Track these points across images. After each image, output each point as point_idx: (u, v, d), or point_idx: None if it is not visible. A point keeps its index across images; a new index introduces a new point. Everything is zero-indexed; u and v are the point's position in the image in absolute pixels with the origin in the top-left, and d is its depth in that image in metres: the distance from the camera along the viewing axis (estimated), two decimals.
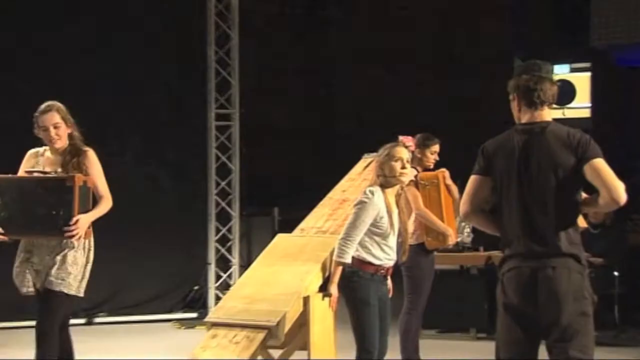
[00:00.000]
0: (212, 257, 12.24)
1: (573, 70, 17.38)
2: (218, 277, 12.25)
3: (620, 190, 4.82)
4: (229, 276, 12.18)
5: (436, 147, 8.32)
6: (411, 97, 16.65)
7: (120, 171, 11.19)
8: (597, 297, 5.21)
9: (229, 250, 12.36)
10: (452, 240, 8.31)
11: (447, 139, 8.45)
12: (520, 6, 18.51)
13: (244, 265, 11.17)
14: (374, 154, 6.73)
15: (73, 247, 6.22)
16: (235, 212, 12.35)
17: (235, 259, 12.32)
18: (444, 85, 17.44)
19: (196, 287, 12.31)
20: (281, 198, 13.91)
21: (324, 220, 7.06)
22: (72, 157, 6.43)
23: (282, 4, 17.50)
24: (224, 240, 12.36)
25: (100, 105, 11.39)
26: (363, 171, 7.32)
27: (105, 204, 6.55)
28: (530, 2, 18.58)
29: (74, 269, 6.27)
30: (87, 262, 6.48)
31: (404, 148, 6.57)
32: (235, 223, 12.38)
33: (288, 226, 7.42)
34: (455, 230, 8.31)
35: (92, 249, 6.55)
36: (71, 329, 11.02)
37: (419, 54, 18.53)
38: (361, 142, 7.54)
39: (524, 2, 18.59)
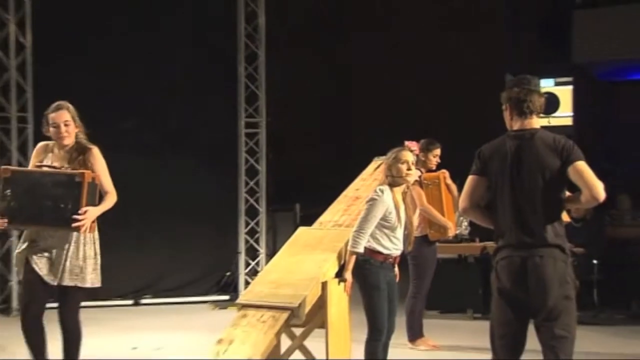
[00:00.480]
0: (242, 247, 12.33)
1: (557, 84, 17.40)
2: (247, 264, 12.34)
3: (599, 189, 4.90)
4: (257, 264, 12.23)
5: (437, 151, 8.47)
6: (417, 108, 16.68)
7: (171, 174, 11.62)
8: (579, 282, 5.35)
9: (257, 241, 12.44)
10: (451, 233, 8.47)
11: (448, 143, 8.59)
12: (512, 28, 18.53)
13: (270, 254, 11.33)
14: (383, 157, 6.81)
15: (80, 240, 6.16)
16: (262, 208, 12.43)
17: (262, 249, 12.39)
18: (445, 97, 17.49)
19: (228, 273, 12.36)
20: (302, 195, 13.91)
21: (340, 215, 7.06)
22: (78, 154, 6.31)
23: (303, 24, 17.48)
24: (252, 233, 12.43)
25: (154, 114, 11.72)
26: (374, 172, 7.34)
27: (111, 199, 6.43)
28: (520, 23, 18.59)
29: (86, 263, 6.22)
30: (95, 254, 6.40)
31: (409, 152, 6.67)
32: (262, 217, 12.45)
33: (308, 220, 7.46)
34: (454, 224, 8.40)
35: (98, 241, 6.47)
36: (120, 308, 11.28)
37: (422, 72, 18.55)
38: (372, 147, 7.62)
39: (515, 23, 18.59)
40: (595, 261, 10.61)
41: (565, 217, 5.23)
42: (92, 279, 6.28)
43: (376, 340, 6.46)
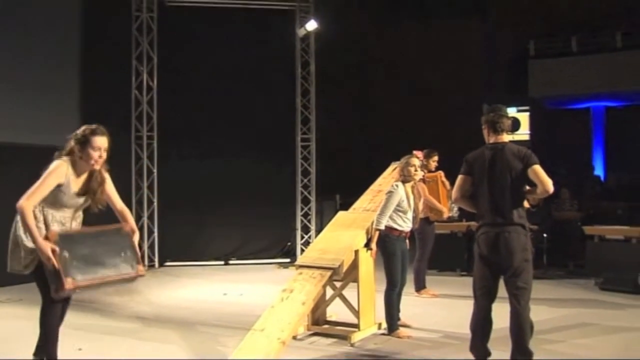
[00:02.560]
0: (298, 225, 12.28)
1: (519, 111, 17.34)
2: (302, 237, 12.28)
3: (550, 185, 4.92)
4: (309, 237, 12.15)
5: (436, 158, 8.40)
6: (420, 127, 16.65)
7: (250, 172, 11.59)
8: (534, 250, 5.33)
9: (309, 221, 12.37)
10: (446, 215, 8.40)
11: (442, 153, 8.52)
12: (487, 72, 18.47)
13: (318, 231, 11.21)
14: (398, 162, 6.81)
15: None
16: (312, 198, 12.35)
17: (312, 227, 12.30)
18: (441, 120, 17.46)
19: (289, 243, 12.29)
20: (341, 189, 13.91)
21: (367, 203, 7.00)
22: (98, 183, 4.79)
23: (340, 69, 17.53)
24: (305, 215, 12.38)
25: (239, 130, 11.71)
26: (391, 172, 7.27)
27: (131, 215, 4.97)
28: (493, 69, 18.53)
29: None
30: None
31: (416, 158, 6.67)
32: (313, 205, 12.37)
33: (345, 206, 7.41)
34: (448, 209, 8.31)
35: None
36: (215, 267, 11.32)
37: (423, 103, 18.56)
38: (390, 154, 7.58)
39: (489, 69, 18.54)
40: (544, 235, 10.59)
41: (525, 204, 5.16)
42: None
43: (392, 291, 6.43)
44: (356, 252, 6.30)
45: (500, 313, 5.16)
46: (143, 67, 11.37)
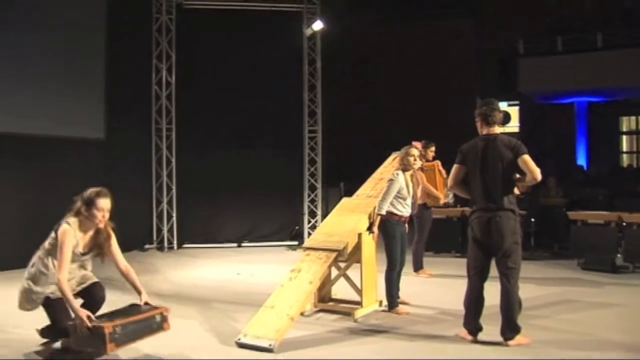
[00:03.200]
0: (305, 210, 12.22)
1: (509, 105, 17.38)
2: (309, 221, 12.24)
3: (538, 173, 4.92)
4: (315, 221, 12.11)
5: (433, 148, 8.34)
6: (419, 120, 16.61)
7: (261, 161, 11.61)
8: (523, 233, 5.31)
9: (315, 206, 12.32)
10: (442, 202, 8.33)
11: (439, 143, 8.48)
12: (480, 70, 18.42)
13: (323, 215, 11.15)
14: (398, 152, 6.76)
15: None
16: (319, 185, 12.29)
17: (318, 212, 12.26)
18: (439, 114, 17.42)
19: (297, 227, 12.23)
20: (345, 177, 13.90)
21: (370, 189, 6.97)
22: (104, 239, 4.81)
23: (345, 66, 17.50)
24: (312, 201, 12.32)
25: (250, 122, 11.68)
26: (392, 161, 7.23)
27: (135, 275, 4.91)
28: (485, 67, 18.48)
29: None
30: None
31: (415, 148, 6.61)
32: (319, 191, 12.32)
33: (349, 193, 7.39)
34: (444, 196, 8.24)
35: None
36: (228, 249, 11.34)
37: (423, 98, 18.50)
38: (391, 145, 7.53)
39: (482, 67, 18.48)
40: (532, 219, 10.54)
41: (515, 191, 5.14)
42: None
43: (392, 271, 6.42)
44: (359, 235, 6.27)
45: (492, 291, 5.17)
46: (162, 64, 11.36)
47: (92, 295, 4.81)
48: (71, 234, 4.60)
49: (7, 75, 8.68)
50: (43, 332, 4.81)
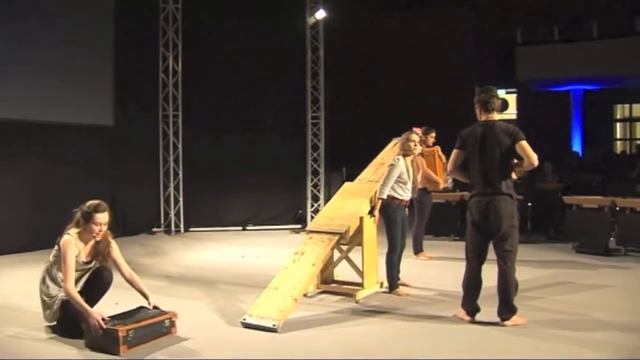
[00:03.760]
0: (309, 194, 12.21)
1: (507, 92, 17.31)
2: (312, 205, 12.22)
3: (535, 159, 4.92)
4: (318, 205, 12.09)
5: (433, 134, 8.27)
6: (420, 107, 16.58)
7: (265, 146, 11.61)
8: (520, 217, 5.30)
9: (318, 190, 12.29)
10: (441, 186, 8.30)
11: (439, 129, 8.43)
12: (479, 58, 18.35)
13: (326, 199, 11.20)
14: (398, 137, 6.74)
15: None
16: (321, 170, 12.27)
17: (321, 196, 12.24)
18: (440, 101, 17.38)
19: (300, 211, 12.21)
20: (347, 162, 13.84)
21: (371, 174, 6.94)
22: (104, 247, 4.88)
23: (347, 53, 17.42)
24: (315, 185, 12.29)
25: (255, 109, 11.69)
26: (393, 147, 7.17)
27: (140, 280, 5.00)
28: (484, 55, 18.41)
29: None
30: None
31: (415, 134, 6.58)
32: (322, 176, 12.30)
33: (351, 178, 7.37)
34: (443, 181, 8.22)
35: None
36: (233, 232, 11.37)
37: (424, 85, 18.47)
38: (392, 131, 7.50)
39: (480, 55, 18.41)
40: (529, 204, 10.50)
41: (513, 176, 5.13)
42: None
43: (393, 253, 6.42)
44: (361, 218, 6.26)
45: (489, 274, 5.18)
46: (169, 52, 11.31)
47: (99, 278, 4.88)
48: (73, 243, 4.69)
49: (16, 63, 8.64)
50: (55, 330, 4.85)
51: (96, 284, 4.88)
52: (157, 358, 4.35)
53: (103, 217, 4.75)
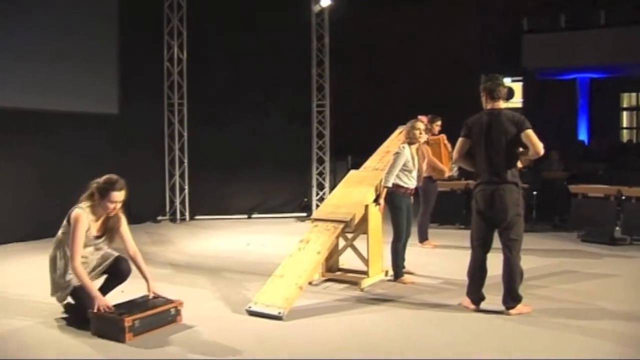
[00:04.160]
0: (314, 182, 12.19)
1: (513, 80, 17.23)
2: (317, 194, 12.22)
3: (541, 147, 4.89)
4: (323, 193, 12.07)
5: (439, 122, 8.26)
6: (425, 95, 16.51)
7: (271, 135, 11.66)
8: (525, 205, 5.30)
9: (323, 179, 12.28)
10: (447, 175, 8.27)
11: (444, 117, 8.40)
12: (485, 46, 18.25)
13: (331, 188, 11.13)
14: (404, 126, 6.69)
15: None
16: (327, 158, 12.26)
17: (326, 184, 12.22)
18: (447, 90, 17.30)
19: (305, 199, 12.21)
20: (353, 150, 13.83)
21: (377, 162, 6.92)
22: (114, 224, 4.80)
23: (353, 40, 17.36)
24: (320, 174, 12.28)
25: (262, 97, 11.71)
26: (398, 135, 7.14)
27: (143, 261, 4.96)
28: (489, 44, 18.30)
29: None
30: None
31: (421, 122, 6.57)
32: (327, 164, 12.28)
33: (356, 166, 7.33)
34: (449, 169, 8.19)
35: None
36: (239, 220, 11.39)
37: (431, 74, 18.38)
38: (397, 118, 7.47)
39: (486, 44, 18.30)
40: (534, 192, 10.49)
41: (518, 164, 5.12)
42: None
43: (398, 242, 6.41)
44: (366, 207, 6.26)
45: (494, 262, 5.18)
46: (174, 41, 11.29)
47: (118, 269, 4.90)
48: (84, 217, 4.59)
49: (22, 52, 8.65)
50: (69, 310, 4.87)
51: (114, 275, 4.90)
52: (163, 346, 4.37)
53: (119, 196, 4.62)
